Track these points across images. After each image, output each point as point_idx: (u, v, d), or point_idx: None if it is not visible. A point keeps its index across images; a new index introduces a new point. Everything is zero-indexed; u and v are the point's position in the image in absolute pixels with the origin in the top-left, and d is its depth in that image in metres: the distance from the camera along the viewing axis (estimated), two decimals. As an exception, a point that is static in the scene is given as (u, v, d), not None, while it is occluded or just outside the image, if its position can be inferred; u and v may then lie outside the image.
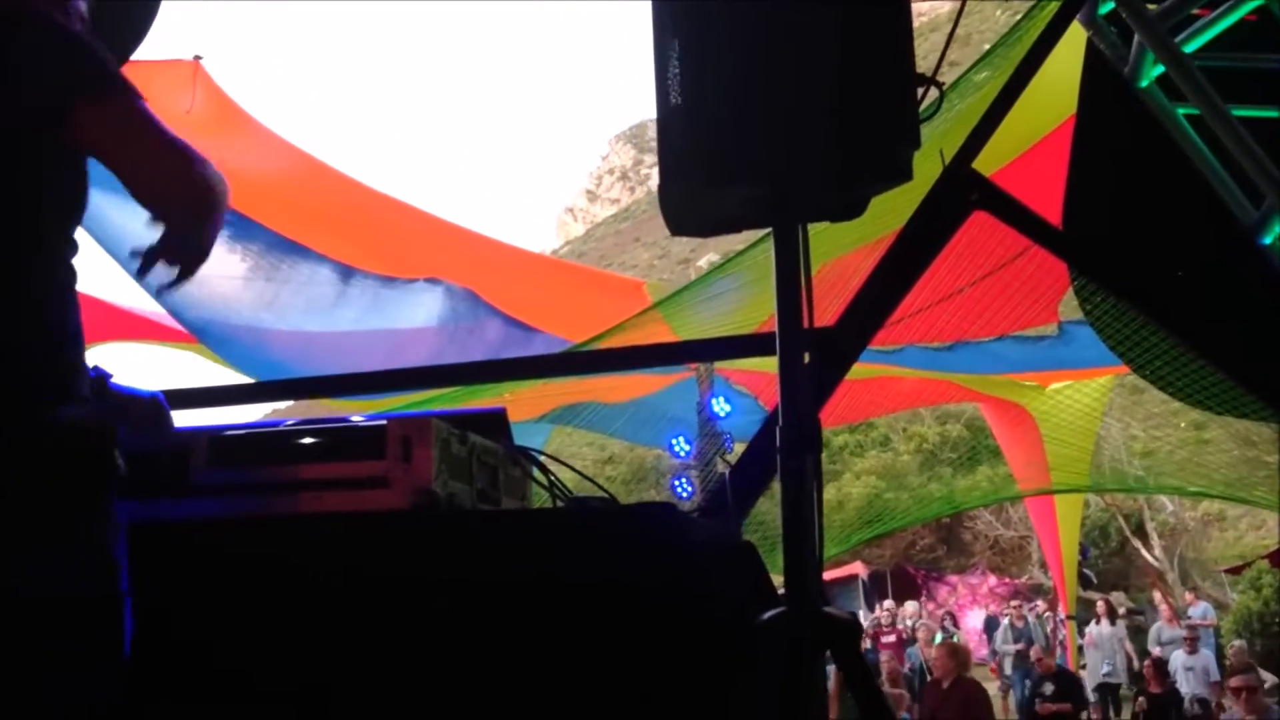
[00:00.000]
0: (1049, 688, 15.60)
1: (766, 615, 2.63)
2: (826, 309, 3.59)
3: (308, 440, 2.81)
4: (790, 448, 2.68)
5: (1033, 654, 17.65)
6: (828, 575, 23.23)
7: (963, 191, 3.79)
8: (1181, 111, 4.60)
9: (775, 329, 2.84)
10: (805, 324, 2.85)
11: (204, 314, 10.24)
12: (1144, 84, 4.63)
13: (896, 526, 20.76)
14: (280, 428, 2.87)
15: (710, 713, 2.57)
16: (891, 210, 3.76)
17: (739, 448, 14.04)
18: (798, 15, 2.66)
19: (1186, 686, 17.87)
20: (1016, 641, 21.59)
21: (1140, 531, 30.12)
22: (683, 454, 13.31)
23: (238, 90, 10.30)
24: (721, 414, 12.65)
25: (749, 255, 9.22)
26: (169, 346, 12.16)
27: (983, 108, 4.23)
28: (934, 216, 3.79)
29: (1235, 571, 27.40)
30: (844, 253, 7.41)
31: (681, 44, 2.68)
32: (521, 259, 13.60)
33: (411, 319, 11.31)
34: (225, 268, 10.05)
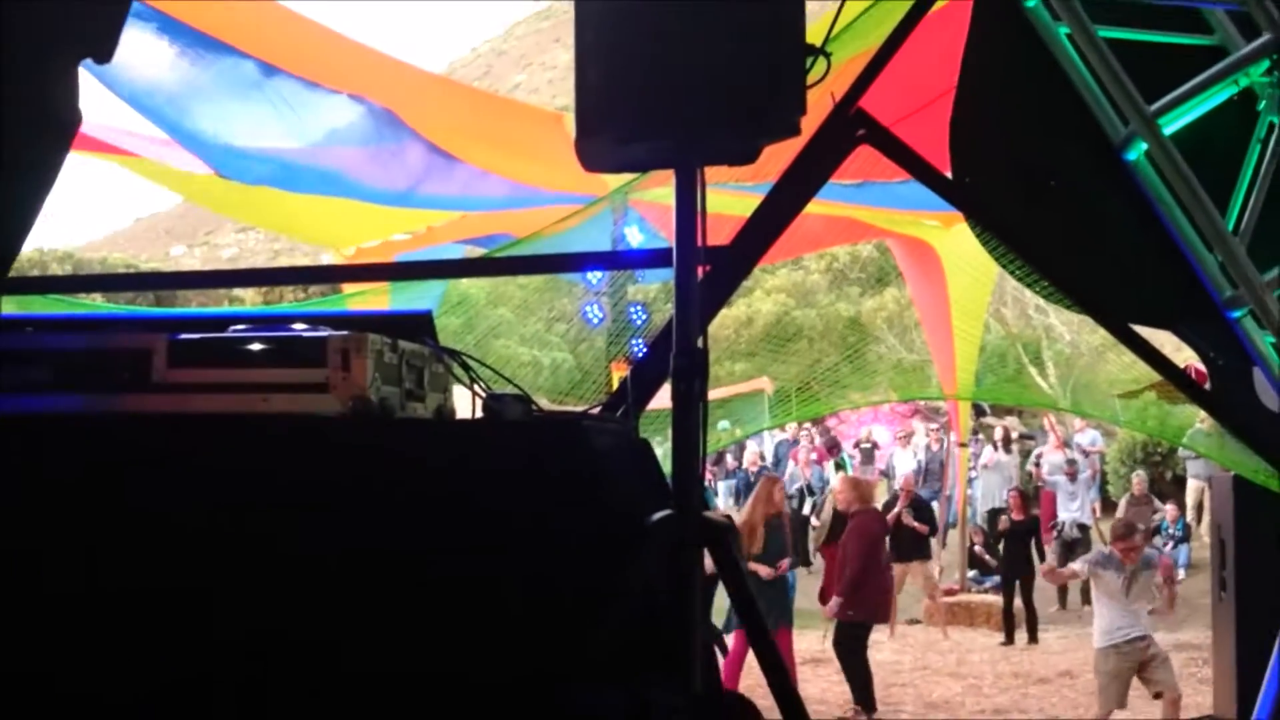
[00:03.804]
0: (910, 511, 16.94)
1: (655, 517, 3.07)
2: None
3: (257, 346, 3.17)
4: (681, 373, 3.10)
5: (902, 483, 18.57)
6: (736, 389, 23.77)
7: (850, 129, 4.17)
8: (1064, 31, 4.96)
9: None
10: (700, 243, 3.27)
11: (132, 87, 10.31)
12: (1030, 3, 4.97)
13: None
14: (231, 334, 3.22)
15: (604, 599, 3.01)
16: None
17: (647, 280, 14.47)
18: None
19: (1065, 514, 18.87)
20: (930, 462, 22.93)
21: (1037, 360, 30.99)
22: (595, 282, 13.73)
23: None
24: (634, 244, 13.02)
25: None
26: (90, 156, 12.23)
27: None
28: (822, 152, 4.18)
29: (1130, 397, 28.32)
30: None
31: (597, 13, 3.02)
32: (443, 86, 13.74)
33: (333, 129, 11.47)
34: (153, 54, 10.09)
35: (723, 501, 27.59)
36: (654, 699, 2.76)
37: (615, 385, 12.58)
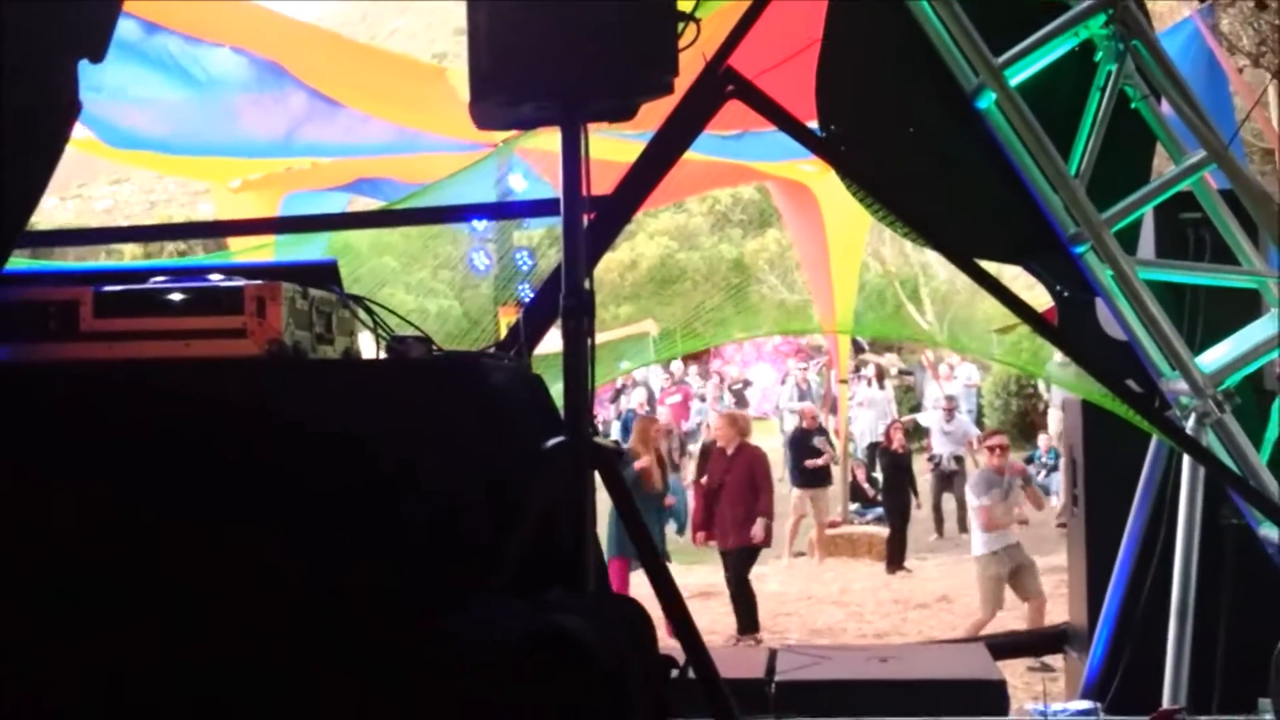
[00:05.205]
0: (816, 440, 17.34)
1: (549, 443, 3.40)
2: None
3: (178, 296, 3.43)
4: (570, 313, 3.42)
5: (804, 413, 19.00)
6: (621, 332, 24.06)
7: (719, 85, 4.50)
8: (919, -11, 5.33)
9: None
10: (585, 193, 3.59)
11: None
12: (889, -41, 5.32)
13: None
14: (153, 285, 3.48)
15: (506, 520, 3.32)
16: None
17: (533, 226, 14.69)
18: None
19: (942, 447, 19.42)
20: (802, 400, 23.37)
21: (915, 297, 31.63)
22: (480, 229, 13.89)
23: None
24: (518, 192, 13.20)
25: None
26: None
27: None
28: (695, 107, 4.51)
29: (1005, 332, 29.02)
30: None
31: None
32: (325, 38, 13.83)
33: (213, 78, 11.54)
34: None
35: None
36: (552, 601, 3.08)
37: (504, 330, 12.79)
